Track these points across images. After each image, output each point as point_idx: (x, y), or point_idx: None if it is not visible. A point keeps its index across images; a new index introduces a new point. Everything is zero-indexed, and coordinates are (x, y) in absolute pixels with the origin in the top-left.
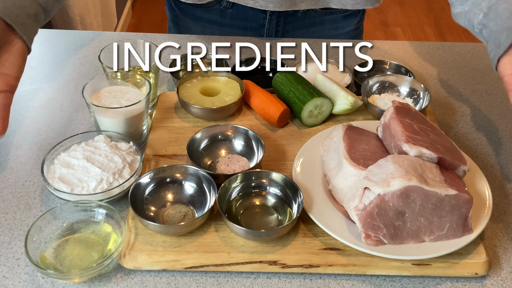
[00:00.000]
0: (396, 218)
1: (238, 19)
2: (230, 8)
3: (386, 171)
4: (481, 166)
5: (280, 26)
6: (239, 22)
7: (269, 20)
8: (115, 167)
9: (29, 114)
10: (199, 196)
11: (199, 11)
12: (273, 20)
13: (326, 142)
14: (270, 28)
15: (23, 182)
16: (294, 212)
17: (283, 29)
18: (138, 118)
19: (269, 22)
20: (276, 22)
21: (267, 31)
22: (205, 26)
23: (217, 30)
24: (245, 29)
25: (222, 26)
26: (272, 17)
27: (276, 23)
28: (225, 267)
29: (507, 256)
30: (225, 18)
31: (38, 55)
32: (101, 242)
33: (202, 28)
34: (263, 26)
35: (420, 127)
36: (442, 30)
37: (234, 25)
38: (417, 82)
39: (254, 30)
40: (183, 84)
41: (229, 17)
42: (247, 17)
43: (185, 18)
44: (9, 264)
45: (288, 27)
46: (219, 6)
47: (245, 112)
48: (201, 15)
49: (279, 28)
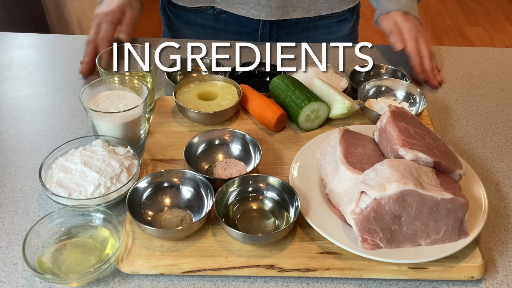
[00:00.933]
0: (392, 222)
1: (231, 24)
2: (223, 14)
3: (383, 175)
4: (477, 170)
5: (273, 32)
6: (232, 27)
7: (262, 25)
8: (112, 172)
9: (26, 118)
10: (196, 200)
11: (193, 16)
12: (267, 26)
13: (323, 146)
14: (264, 33)
15: (21, 186)
16: (291, 216)
17: (276, 34)
18: (136, 122)
19: (262, 27)
20: (270, 28)
21: (261, 36)
22: (199, 31)
23: (211, 35)
24: (239, 34)
25: (215, 31)
26: (266, 23)
27: (270, 29)
28: (222, 271)
29: (503, 260)
30: (219, 23)
31: (35, 60)
32: (98, 246)
33: (196, 33)
34: (257, 31)
35: (416, 131)
36: (439, 34)
37: (228, 30)
38: (413, 86)
39: (248, 35)
40: (180, 89)
41: (223, 22)
42: (240, 22)
43: (179, 23)
44: (6, 269)
45: (282, 32)
46: (212, 11)
47: (243, 116)
48: (195, 20)
49: (273, 34)
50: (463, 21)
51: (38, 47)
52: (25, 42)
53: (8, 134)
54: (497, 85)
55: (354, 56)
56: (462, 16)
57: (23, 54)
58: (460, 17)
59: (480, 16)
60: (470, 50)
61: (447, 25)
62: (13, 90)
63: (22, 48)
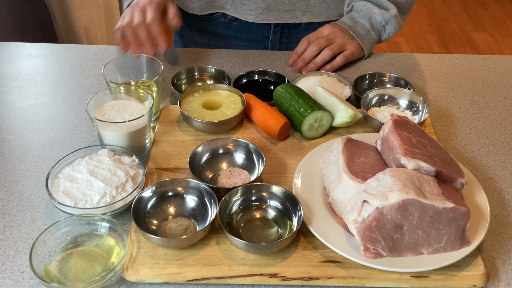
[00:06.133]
0: (394, 231)
1: (242, 32)
2: (234, 21)
3: (384, 184)
4: (480, 178)
5: (284, 38)
6: (243, 34)
7: (273, 32)
8: (118, 181)
9: (34, 127)
10: (200, 209)
11: (204, 24)
12: (277, 32)
13: (326, 155)
14: (275, 40)
15: (28, 195)
16: (294, 225)
17: (287, 40)
18: (141, 132)
19: (273, 34)
20: (280, 34)
21: (272, 42)
22: (210, 39)
23: (222, 43)
24: (250, 41)
25: (227, 39)
26: (276, 29)
27: (280, 35)
28: (226, 280)
29: (505, 268)
30: (230, 31)
31: (42, 70)
32: (104, 255)
33: (207, 40)
34: (268, 38)
35: (418, 140)
36: (445, 40)
37: (239, 38)
38: (416, 95)
39: (259, 42)
40: (185, 98)
41: (234, 29)
42: (251, 30)
43: (190, 31)
44: (14, 277)
45: (292, 39)
46: (224, 19)
47: (246, 125)
48: (207, 28)
49: (283, 40)
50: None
51: (45, 56)
52: (32, 52)
53: (15, 143)
54: (500, 93)
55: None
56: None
57: (30, 64)
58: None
59: (486, 22)
60: (473, 58)
61: (453, 31)
62: (21, 100)
63: (29, 58)
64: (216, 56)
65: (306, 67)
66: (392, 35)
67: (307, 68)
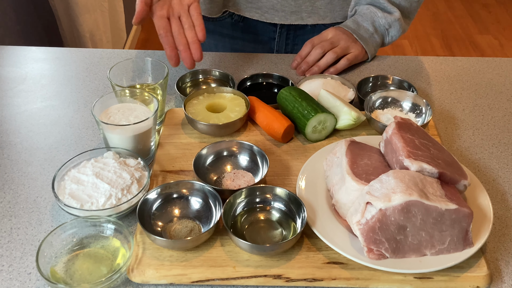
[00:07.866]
0: (397, 232)
1: (249, 33)
2: (241, 22)
3: (388, 186)
4: (483, 180)
5: (290, 39)
6: (250, 35)
7: (279, 33)
8: (123, 183)
9: (40, 131)
10: (205, 211)
11: (210, 24)
12: (283, 33)
13: (330, 157)
14: (280, 41)
15: (35, 198)
16: (298, 227)
17: (293, 42)
18: (146, 134)
19: (279, 35)
20: (286, 35)
21: (277, 44)
22: (217, 39)
23: (228, 43)
24: (256, 42)
25: (233, 39)
26: (282, 30)
27: (286, 36)
28: (230, 281)
29: (508, 270)
30: (236, 32)
31: (48, 73)
32: (110, 256)
33: (213, 41)
34: (273, 39)
35: (421, 142)
36: (449, 42)
37: (245, 38)
38: (419, 97)
39: (265, 43)
40: (190, 101)
41: (240, 30)
42: (257, 30)
43: None
44: (21, 279)
45: (298, 40)
46: (230, 20)
47: (250, 127)
48: (213, 29)
49: (289, 41)
50: (474, 29)
51: (51, 60)
52: (38, 56)
53: (22, 146)
54: (503, 95)
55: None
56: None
57: (36, 68)
58: (470, 25)
59: (490, 24)
60: (476, 60)
61: (457, 34)
62: (27, 103)
63: (35, 62)
64: (220, 59)
65: (310, 70)
66: (396, 39)
67: (310, 71)
